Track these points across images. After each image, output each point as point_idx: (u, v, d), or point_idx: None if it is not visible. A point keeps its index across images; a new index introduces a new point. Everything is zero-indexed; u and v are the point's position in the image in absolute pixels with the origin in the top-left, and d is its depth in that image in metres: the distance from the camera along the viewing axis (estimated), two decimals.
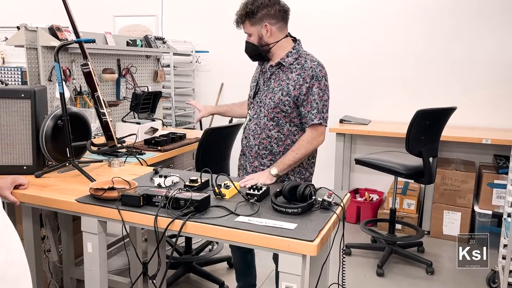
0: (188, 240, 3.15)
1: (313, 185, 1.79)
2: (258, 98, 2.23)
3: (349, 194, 2.00)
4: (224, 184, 1.88)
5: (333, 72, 4.52)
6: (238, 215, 1.65)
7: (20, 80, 4.53)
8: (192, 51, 5.07)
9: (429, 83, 4.27)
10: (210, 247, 3.39)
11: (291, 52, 2.16)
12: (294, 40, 2.23)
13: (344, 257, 1.79)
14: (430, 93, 4.21)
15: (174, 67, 4.74)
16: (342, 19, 4.50)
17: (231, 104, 2.60)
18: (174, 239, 2.97)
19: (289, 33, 2.23)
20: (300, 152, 2.10)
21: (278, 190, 1.81)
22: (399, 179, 3.44)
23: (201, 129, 4.61)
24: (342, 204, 1.78)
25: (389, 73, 4.39)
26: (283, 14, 2.15)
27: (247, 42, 2.19)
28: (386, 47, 4.37)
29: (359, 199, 4.34)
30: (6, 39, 2.64)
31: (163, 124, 3.61)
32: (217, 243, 3.35)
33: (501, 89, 4.03)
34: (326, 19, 4.56)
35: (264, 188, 1.86)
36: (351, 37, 4.49)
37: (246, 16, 2.11)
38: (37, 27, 2.60)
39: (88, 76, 2.11)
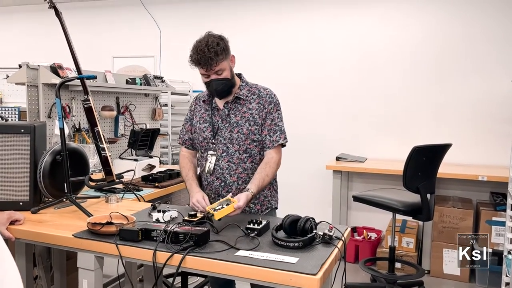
0: (185, 280, 3.07)
1: (313, 219, 1.78)
2: (221, 136, 2.18)
3: (349, 228, 1.98)
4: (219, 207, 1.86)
5: (329, 111, 4.64)
6: (238, 249, 1.62)
7: (17, 119, 4.56)
8: (189, 91, 5.14)
9: (424, 121, 4.33)
10: (206, 287, 3.30)
11: (241, 85, 2.22)
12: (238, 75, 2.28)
13: None
14: (425, 132, 4.27)
15: (171, 106, 4.80)
16: (339, 60, 4.62)
17: (191, 173, 2.28)
18: (171, 279, 2.90)
19: None
20: (270, 174, 2.12)
21: (278, 224, 1.79)
22: (397, 217, 3.42)
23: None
24: (343, 238, 1.76)
25: (384, 112, 4.46)
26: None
27: (218, 80, 2.09)
28: (381, 87, 4.47)
29: (357, 237, 4.29)
30: (7, 76, 2.67)
31: (161, 162, 3.61)
32: None
33: (494, 127, 4.10)
34: (322, 59, 4.68)
35: (264, 223, 1.84)
36: (347, 77, 4.59)
37: (223, 54, 2.06)
38: (38, 65, 2.65)
39: (89, 111, 2.13)
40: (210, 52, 2.02)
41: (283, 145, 2.23)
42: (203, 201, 2.03)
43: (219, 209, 1.85)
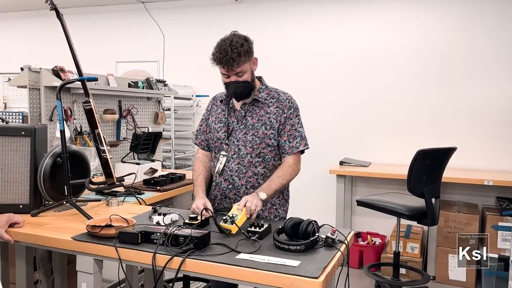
0: (186, 285, 3.04)
1: (316, 221, 1.75)
2: (235, 138, 2.15)
3: (352, 232, 1.95)
4: (229, 217, 1.80)
5: (333, 115, 4.61)
6: (239, 252, 1.59)
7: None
8: (192, 95, 5.14)
9: (428, 126, 4.30)
10: None
11: (261, 87, 2.19)
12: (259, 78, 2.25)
13: None
14: (429, 136, 4.24)
15: (174, 110, 4.79)
16: (342, 65, 4.61)
17: (201, 178, 2.24)
18: (171, 284, 2.87)
19: None
20: (285, 178, 2.08)
21: (280, 227, 1.76)
22: (402, 222, 3.38)
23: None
24: (346, 242, 1.72)
25: (389, 115, 4.44)
26: None
27: (237, 83, 2.05)
28: (385, 91, 4.44)
29: (361, 243, 4.25)
30: (9, 79, 2.66)
31: (163, 166, 3.59)
32: None
33: (501, 131, 4.06)
34: (325, 64, 4.67)
35: (265, 226, 1.81)
36: (351, 80, 4.57)
37: (246, 55, 2.03)
38: (40, 68, 2.64)
39: (89, 113, 2.11)
40: (233, 53, 1.97)
41: (302, 152, 2.17)
42: (201, 208, 1.97)
43: (232, 221, 1.78)
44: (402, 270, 3.73)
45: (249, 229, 1.78)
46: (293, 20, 4.78)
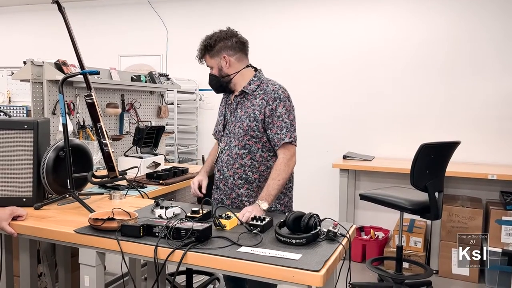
0: (189, 278, 3.06)
1: (317, 215, 1.75)
2: (227, 130, 2.23)
3: (354, 226, 1.94)
4: (225, 215, 1.84)
5: (337, 109, 4.60)
6: (241, 245, 1.59)
7: None
8: (195, 89, 5.13)
9: (432, 120, 4.28)
10: (211, 286, 3.29)
11: (252, 80, 2.20)
12: (256, 70, 2.27)
13: None
14: (433, 130, 4.21)
15: (177, 104, 4.79)
16: (346, 59, 4.59)
17: (210, 159, 2.43)
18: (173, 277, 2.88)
19: (250, 64, 2.27)
20: (280, 177, 2.04)
21: (281, 220, 1.76)
22: (405, 216, 3.37)
23: (203, 164, 4.59)
24: (348, 235, 1.72)
25: (392, 110, 4.42)
26: (240, 46, 2.20)
27: (210, 75, 2.24)
28: (389, 84, 4.42)
29: (364, 237, 4.24)
30: (12, 73, 2.67)
31: (166, 160, 3.59)
32: (218, 280, 3.25)
33: (505, 125, 4.03)
34: (329, 58, 4.64)
35: (267, 219, 1.81)
36: (355, 75, 4.55)
37: (205, 50, 2.19)
38: (43, 62, 2.64)
39: (91, 107, 2.11)
40: (199, 48, 2.22)
41: (292, 143, 2.11)
42: (196, 184, 2.27)
43: (227, 217, 1.82)
44: (405, 264, 3.72)
45: (250, 222, 1.78)
46: (298, 14, 4.75)
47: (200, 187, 2.28)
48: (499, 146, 4.05)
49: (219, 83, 2.23)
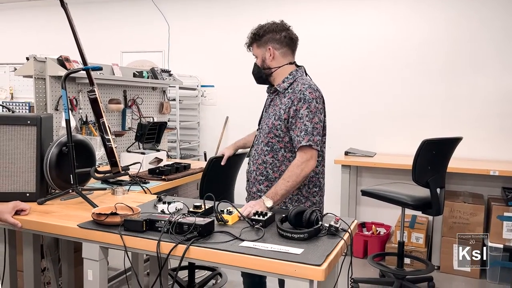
0: (192, 273, 3.07)
1: (319, 210, 1.76)
2: (261, 125, 2.28)
3: (356, 221, 1.95)
4: (227, 210, 1.85)
5: (338, 106, 4.59)
6: (243, 240, 1.60)
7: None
8: (197, 86, 5.14)
9: (434, 116, 4.27)
10: (214, 281, 3.30)
11: (287, 77, 2.17)
12: (298, 68, 2.24)
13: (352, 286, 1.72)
14: (435, 126, 4.21)
15: (179, 100, 4.80)
16: (347, 55, 4.58)
17: (246, 136, 2.59)
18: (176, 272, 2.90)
19: (295, 62, 2.24)
20: (291, 179, 1.98)
21: (283, 215, 1.77)
22: (407, 212, 3.38)
23: (205, 159, 4.60)
24: (349, 230, 1.73)
25: (394, 106, 4.41)
26: (288, 41, 2.17)
27: (254, 64, 2.25)
28: (390, 81, 4.42)
29: (366, 233, 4.25)
30: (15, 69, 2.67)
31: (168, 156, 3.60)
32: (221, 276, 3.26)
33: (507, 122, 4.03)
34: (330, 54, 4.64)
35: (269, 214, 1.82)
36: (356, 72, 4.55)
37: (253, 38, 2.20)
38: (46, 58, 2.65)
39: (94, 102, 2.12)
40: (248, 36, 2.23)
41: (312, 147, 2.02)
42: (224, 151, 2.53)
43: (229, 212, 1.84)
44: (407, 260, 3.73)
45: (253, 217, 1.79)
46: (300, 11, 4.74)
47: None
48: (501, 143, 4.05)
49: (260, 74, 2.23)
